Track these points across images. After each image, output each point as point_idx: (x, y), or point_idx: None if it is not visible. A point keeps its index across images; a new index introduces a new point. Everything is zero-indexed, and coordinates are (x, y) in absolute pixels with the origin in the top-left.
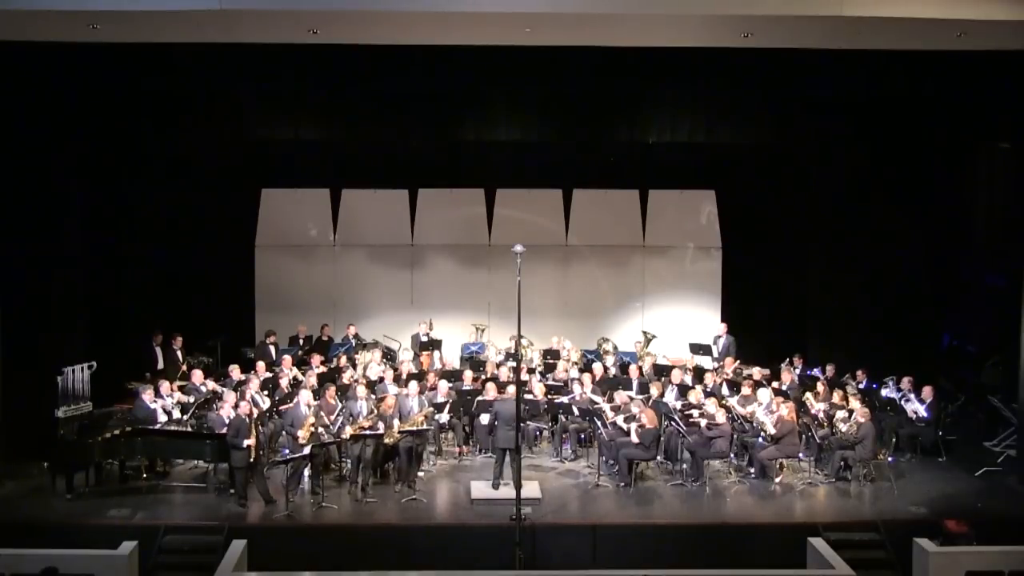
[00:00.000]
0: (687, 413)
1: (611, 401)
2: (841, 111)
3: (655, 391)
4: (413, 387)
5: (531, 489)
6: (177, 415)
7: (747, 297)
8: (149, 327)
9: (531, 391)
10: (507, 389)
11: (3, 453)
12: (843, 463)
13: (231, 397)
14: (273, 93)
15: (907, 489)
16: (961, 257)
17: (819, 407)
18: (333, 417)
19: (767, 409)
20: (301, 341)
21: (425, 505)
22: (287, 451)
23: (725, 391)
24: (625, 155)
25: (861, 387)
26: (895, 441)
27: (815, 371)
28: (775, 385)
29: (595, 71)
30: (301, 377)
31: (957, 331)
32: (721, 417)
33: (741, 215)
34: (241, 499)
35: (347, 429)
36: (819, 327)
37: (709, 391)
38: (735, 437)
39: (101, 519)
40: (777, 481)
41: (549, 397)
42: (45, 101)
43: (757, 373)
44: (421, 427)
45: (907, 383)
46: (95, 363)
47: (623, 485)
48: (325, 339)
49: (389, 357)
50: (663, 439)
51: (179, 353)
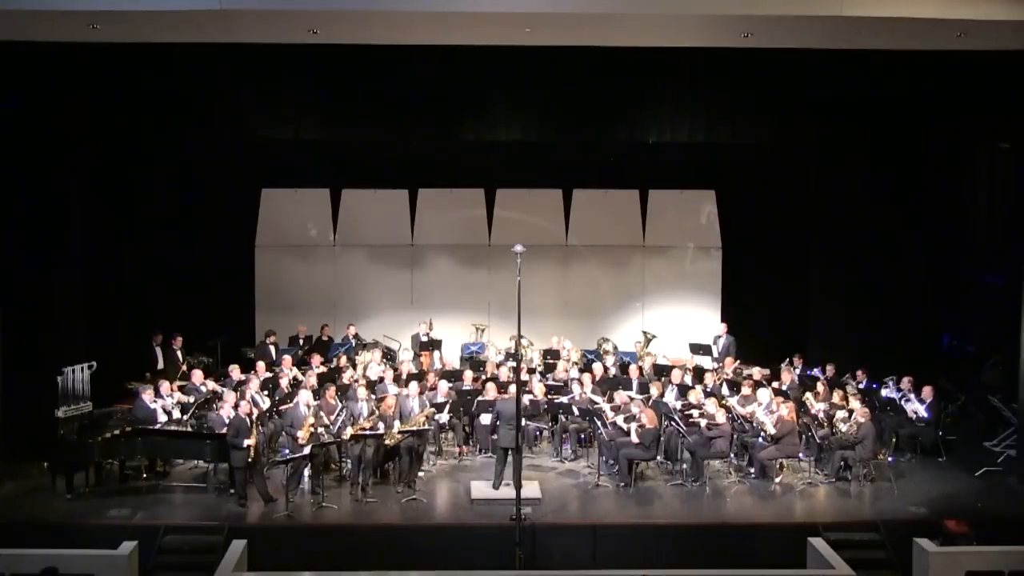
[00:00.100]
0: (687, 413)
1: (611, 401)
2: (841, 111)
3: (655, 391)
4: (413, 387)
5: (531, 489)
6: (177, 415)
7: (747, 297)
8: (149, 327)
9: (531, 391)
10: (508, 389)
11: (3, 453)
12: (843, 463)
13: (231, 397)
14: (273, 93)
15: (907, 489)
16: (961, 257)
17: (819, 407)
18: (333, 417)
19: (767, 409)
20: (301, 341)
21: (425, 505)
22: (287, 451)
23: (725, 391)
24: (625, 155)
25: (861, 387)
26: (895, 441)
27: (815, 371)
28: (775, 385)
29: (595, 71)
30: (301, 377)
31: (957, 331)
32: (721, 417)
33: (741, 215)
34: (241, 499)
35: (348, 430)
36: (819, 327)
37: (709, 391)
38: (735, 437)
39: (101, 519)
40: (777, 481)
41: (549, 397)
42: (45, 101)
43: (757, 373)
44: (422, 427)
45: (907, 383)
46: (95, 363)
47: (623, 485)
48: (325, 339)
49: (389, 357)
50: (663, 439)
51: (179, 353)
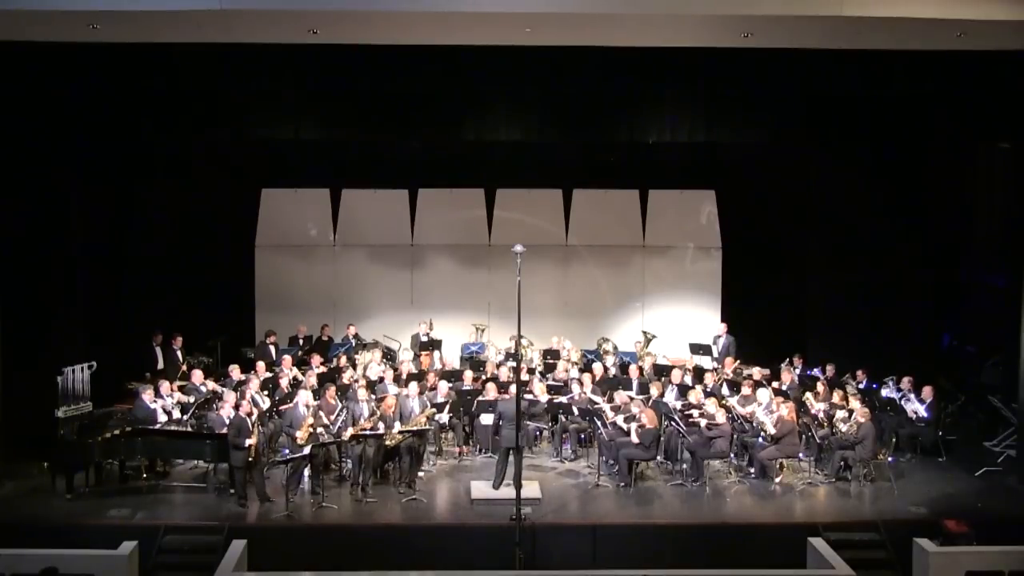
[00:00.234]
0: (687, 413)
1: (611, 401)
2: (841, 111)
3: (655, 391)
4: (413, 388)
5: (531, 489)
6: (177, 415)
7: (747, 297)
8: (149, 327)
9: (531, 391)
10: (509, 389)
11: (3, 453)
12: (843, 463)
13: (231, 397)
14: (273, 93)
15: (907, 489)
16: (961, 257)
17: (819, 407)
18: (333, 417)
19: (767, 409)
20: (301, 341)
21: (425, 505)
22: (287, 451)
23: (725, 391)
24: (625, 155)
25: (861, 387)
26: (895, 441)
27: (815, 371)
28: (775, 385)
29: (595, 71)
30: (301, 377)
31: (957, 331)
32: (721, 417)
33: (741, 215)
34: (241, 499)
35: (348, 430)
36: (819, 327)
37: (709, 391)
38: (735, 437)
39: (101, 519)
40: (777, 481)
41: (549, 397)
42: (45, 101)
43: (757, 373)
44: (423, 427)
45: (907, 383)
46: (95, 363)
47: (623, 485)
48: (325, 339)
49: (389, 357)
50: (663, 439)
51: (179, 353)
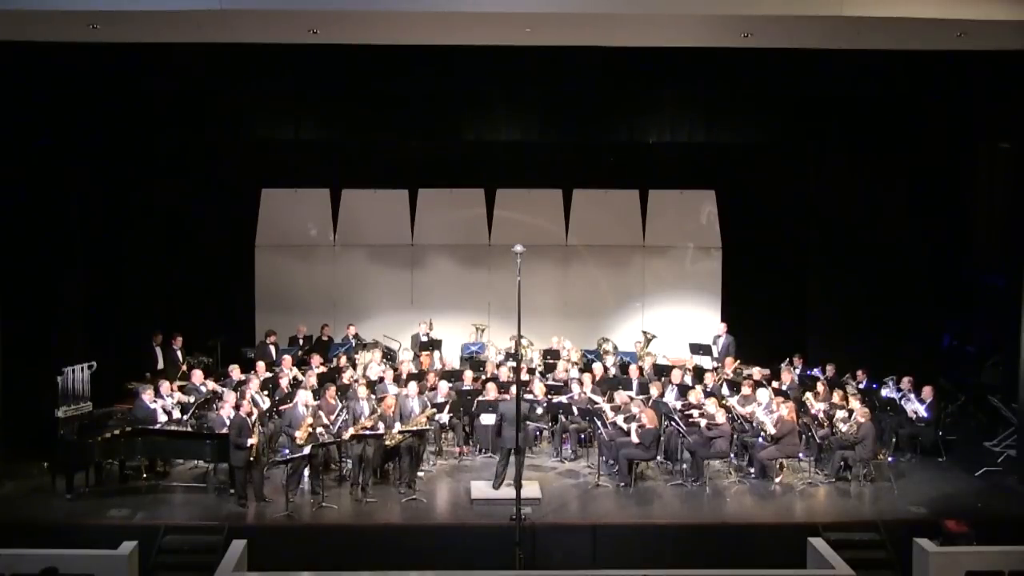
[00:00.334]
0: (687, 413)
1: (611, 401)
2: (841, 111)
3: (655, 391)
4: (413, 388)
5: (531, 489)
6: (177, 415)
7: (747, 297)
8: (149, 327)
9: (531, 391)
10: (510, 389)
11: (3, 453)
12: (843, 463)
13: (231, 397)
14: (273, 93)
15: (907, 489)
16: (961, 257)
17: (819, 407)
18: (333, 417)
19: (767, 409)
20: (301, 341)
21: (425, 505)
22: (287, 451)
23: (725, 391)
24: (625, 155)
25: (861, 387)
26: (895, 441)
27: (815, 371)
28: (775, 385)
29: (595, 71)
30: (301, 377)
31: (957, 331)
32: (721, 417)
33: (741, 215)
34: (241, 499)
35: (349, 430)
36: (819, 327)
37: (709, 391)
38: (735, 437)
39: (101, 519)
40: (777, 481)
41: (549, 397)
42: (45, 101)
43: (757, 373)
44: (423, 427)
45: (907, 383)
46: (95, 363)
47: (623, 485)
48: (325, 339)
49: (389, 357)
50: (663, 439)
51: (179, 353)
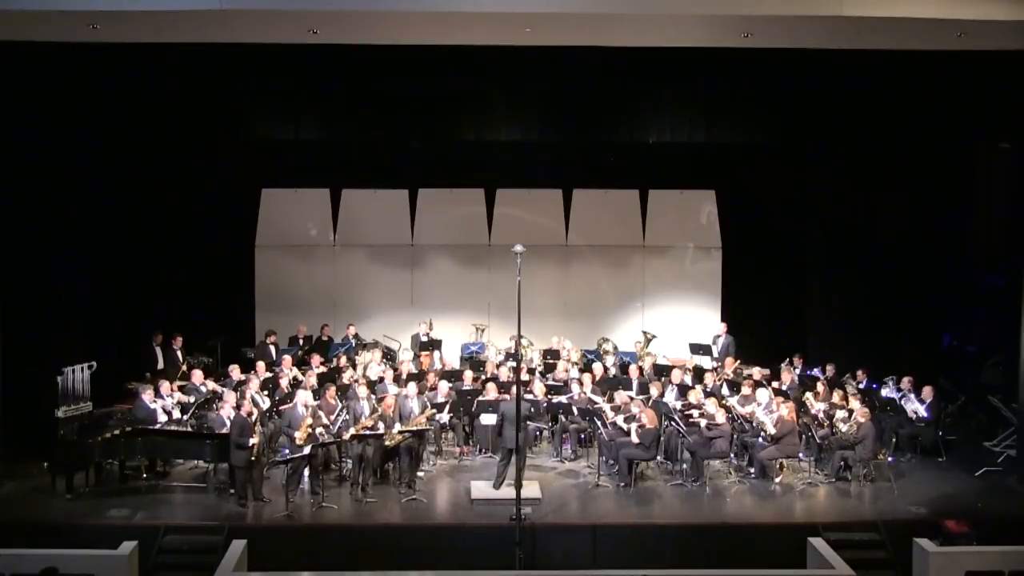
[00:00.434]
0: (687, 413)
1: (611, 401)
2: (841, 111)
3: (655, 391)
4: (412, 388)
5: (531, 489)
6: (177, 415)
7: (747, 297)
8: (149, 327)
9: (531, 391)
10: (511, 389)
11: (3, 453)
12: (843, 463)
13: (231, 397)
14: (273, 93)
15: (907, 489)
16: (961, 257)
17: (819, 407)
18: (333, 417)
19: (767, 409)
20: (301, 341)
21: (425, 505)
22: (287, 451)
23: (725, 391)
24: (625, 155)
25: (861, 387)
26: (895, 441)
27: (815, 371)
28: (775, 385)
29: (595, 71)
30: (301, 377)
31: (957, 331)
32: (721, 417)
33: (741, 215)
34: (241, 499)
35: (349, 430)
36: (819, 327)
37: (709, 391)
38: (735, 437)
39: (101, 519)
40: (777, 481)
41: (549, 397)
42: (45, 102)
43: (757, 373)
44: (423, 427)
45: (907, 383)
46: (95, 363)
47: (623, 485)
48: (325, 339)
49: (389, 357)
50: (663, 439)
51: (179, 353)
